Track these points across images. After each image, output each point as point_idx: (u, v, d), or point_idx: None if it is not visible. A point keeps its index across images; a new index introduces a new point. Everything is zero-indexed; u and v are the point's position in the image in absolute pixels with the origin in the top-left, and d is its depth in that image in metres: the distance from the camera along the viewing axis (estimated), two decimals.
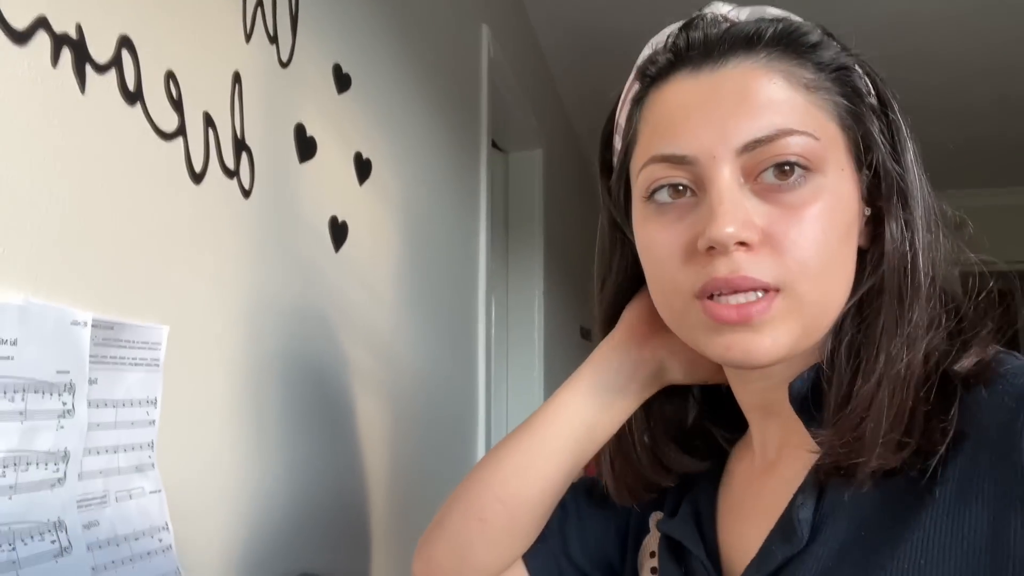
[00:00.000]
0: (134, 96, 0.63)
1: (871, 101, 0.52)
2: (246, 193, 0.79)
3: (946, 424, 0.46)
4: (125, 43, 0.62)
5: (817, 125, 0.50)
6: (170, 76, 0.68)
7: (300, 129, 0.91)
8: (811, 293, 0.49)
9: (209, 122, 0.73)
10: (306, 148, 0.92)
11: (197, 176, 0.71)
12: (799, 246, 0.48)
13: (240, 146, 0.78)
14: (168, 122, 0.68)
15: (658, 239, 0.52)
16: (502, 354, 2.36)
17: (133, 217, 0.63)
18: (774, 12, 0.54)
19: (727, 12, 0.53)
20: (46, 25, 0.55)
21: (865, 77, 0.53)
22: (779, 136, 0.48)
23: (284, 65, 0.88)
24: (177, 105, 0.69)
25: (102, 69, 0.60)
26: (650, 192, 0.52)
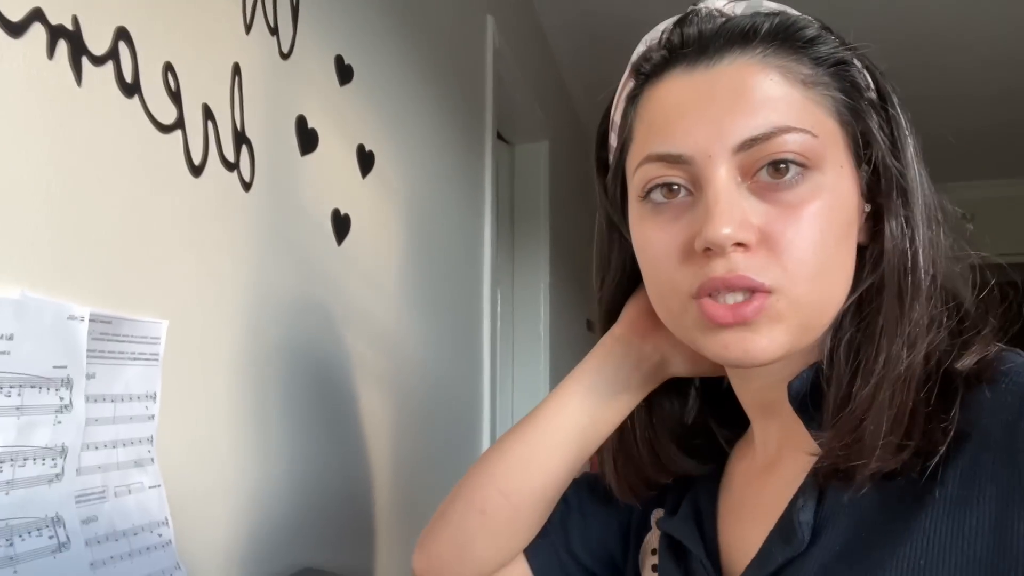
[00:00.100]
0: (132, 88, 0.63)
1: (870, 96, 0.51)
2: (246, 186, 0.79)
3: (947, 424, 0.45)
4: (122, 35, 0.62)
5: (815, 122, 0.49)
6: (168, 68, 0.67)
7: (301, 121, 0.90)
8: (809, 294, 0.48)
9: (208, 114, 0.73)
10: (308, 140, 0.92)
11: (196, 169, 0.71)
12: (796, 246, 0.47)
13: (240, 139, 0.78)
14: (167, 114, 0.67)
15: (654, 239, 0.52)
16: (507, 347, 2.36)
17: (131, 210, 0.63)
18: (771, 6, 0.53)
19: (722, 6, 0.52)
20: (41, 17, 0.55)
21: (864, 71, 0.52)
22: (776, 134, 0.47)
23: (285, 57, 0.87)
24: (176, 97, 0.68)
25: (99, 61, 0.60)
26: (646, 192, 0.52)
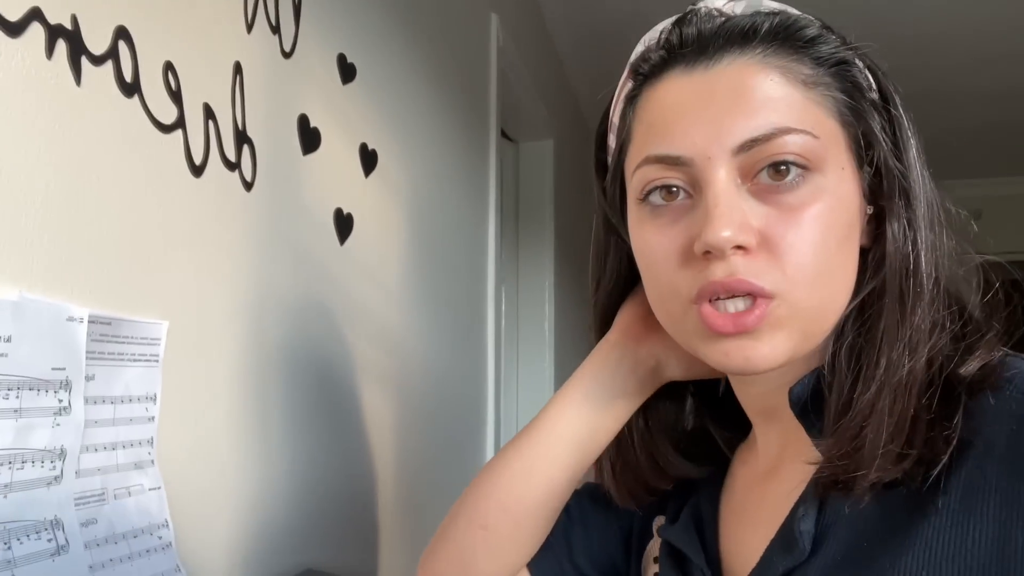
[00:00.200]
0: (131, 88, 0.63)
1: (872, 96, 0.51)
2: (248, 186, 0.78)
3: (949, 432, 0.44)
4: (122, 34, 0.61)
5: (816, 122, 0.48)
6: (168, 67, 0.67)
7: (303, 120, 0.90)
8: (809, 299, 0.47)
9: (209, 114, 0.72)
10: (310, 140, 0.91)
11: (197, 169, 0.71)
12: (797, 250, 0.47)
13: (241, 138, 0.77)
14: (167, 114, 0.67)
15: (653, 242, 0.51)
16: (512, 346, 2.35)
17: (131, 211, 0.63)
18: (771, 5, 0.52)
19: (722, 6, 0.51)
20: (40, 16, 0.54)
21: (866, 71, 0.51)
22: (776, 135, 0.47)
23: (287, 55, 0.86)
24: (176, 97, 0.68)
25: (98, 60, 0.59)
26: (644, 194, 0.51)
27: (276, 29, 0.84)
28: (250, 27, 0.80)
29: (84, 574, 0.55)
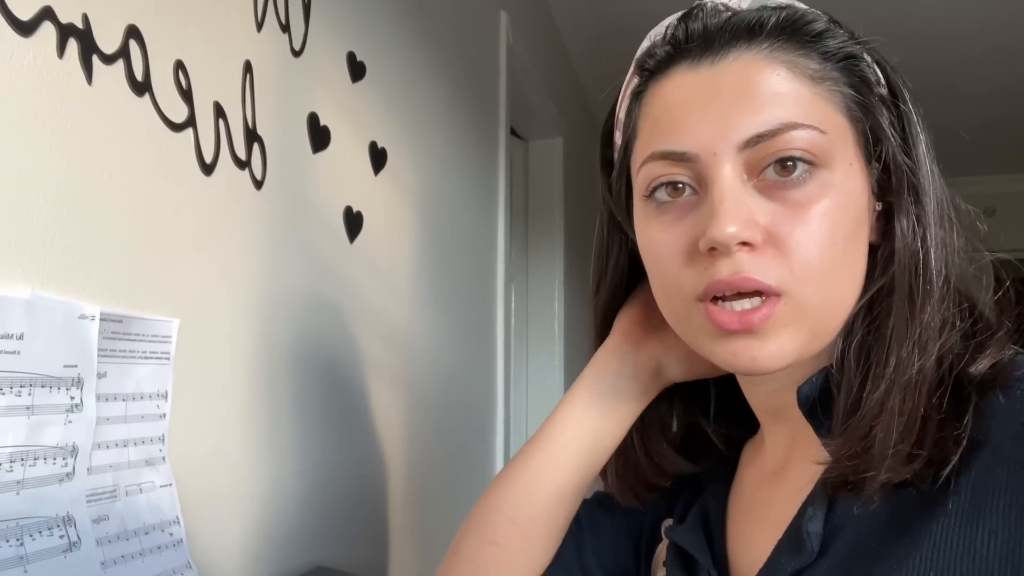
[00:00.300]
0: (142, 87, 0.63)
1: (880, 91, 0.50)
2: (258, 184, 0.79)
3: (959, 432, 0.44)
4: (133, 33, 0.62)
5: (823, 118, 0.47)
6: (179, 66, 0.67)
7: (313, 119, 0.90)
8: (815, 297, 0.47)
9: (220, 112, 0.72)
10: (319, 138, 0.91)
11: (208, 167, 0.71)
12: (804, 247, 0.46)
13: (252, 137, 0.78)
14: (178, 113, 0.67)
15: (658, 239, 0.50)
16: (522, 344, 2.35)
17: (142, 209, 0.63)
18: None
19: (728, 1, 0.51)
20: (51, 16, 0.54)
21: (874, 65, 0.50)
22: (783, 130, 0.46)
23: (296, 54, 0.87)
24: (187, 95, 0.68)
25: (109, 60, 0.60)
26: (650, 190, 0.51)
27: (286, 28, 0.85)
28: (260, 26, 0.80)
29: (96, 570, 0.56)
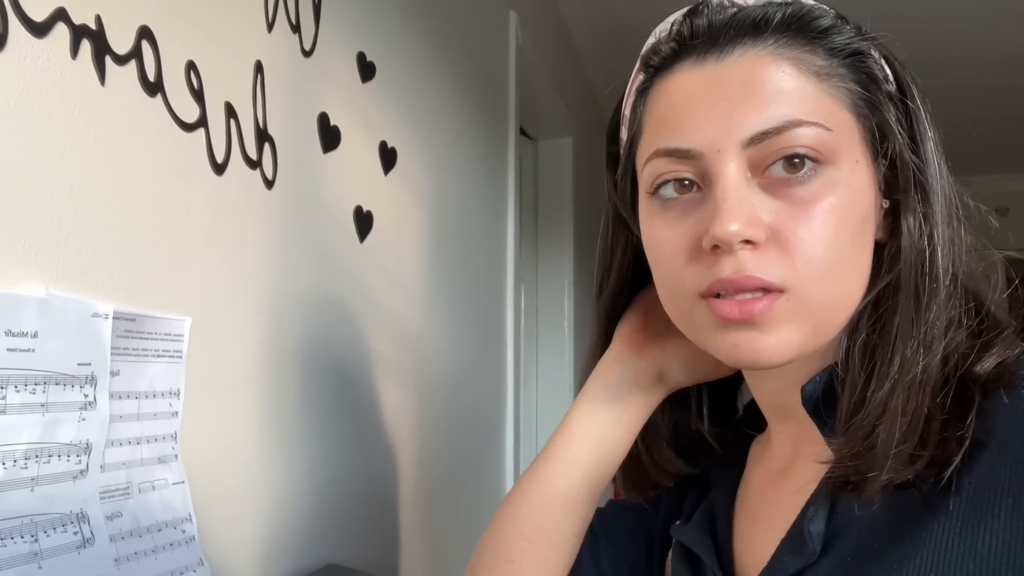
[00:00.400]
0: (154, 87, 0.63)
1: (888, 88, 0.49)
2: (269, 184, 0.79)
3: (963, 433, 0.43)
4: (145, 34, 0.62)
5: (829, 115, 0.47)
6: (191, 67, 0.67)
7: (324, 119, 0.90)
8: (819, 294, 0.46)
9: (231, 113, 0.73)
10: (330, 138, 0.92)
11: (219, 167, 0.71)
12: (808, 244, 0.46)
13: (263, 136, 0.78)
14: (189, 113, 0.67)
15: (662, 237, 0.50)
16: (531, 344, 2.35)
17: (155, 209, 0.63)
18: None
19: None
20: (65, 17, 0.55)
21: (882, 61, 0.50)
22: (787, 127, 0.46)
23: (307, 54, 0.87)
24: (198, 96, 0.68)
25: (122, 60, 0.60)
26: (655, 187, 0.51)
27: (296, 28, 0.85)
28: (271, 27, 0.80)
29: (109, 567, 0.56)
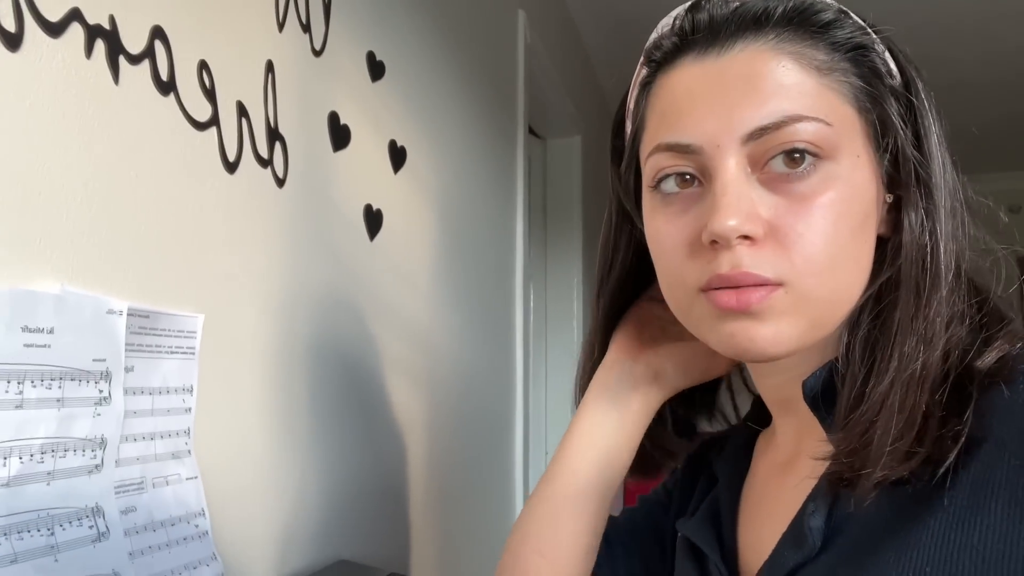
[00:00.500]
0: (167, 86, 0.64)
1: (891, 82, 0.49)
2: (280, 182, 0.80)
3: (959, 429, 0.43)
4: (158, 33, 0.63)
5: (829, 110, 0.47)
6: (203, 66, 0.68)
7: (334, 117, 0.91)
8: (818, 288, 0.46)
9: (242, 111, 0.74)
10: (340, 137, 0.92)
11: (231, 165, 0.72)
12: (806, 240, 0.46)
13: (274, 135, 0.79)
14: (201, 112, 0.68)
15: (663, 231, 0.51)
16: (540, 343, 2.36)
17: (168, 206, 0.64)
18: None
19: None
20: (79, 17, 0.56)
21: (886, 54, 0.50)
22: (787, 123, 0.46)
23: (317, 54, 0.88)
24: (210, 95, 0.69)
25: (135, 60, 0.61)
26: (656, 181, 0.51)
27: (307, 28, 0.86)
28: (281, 26, 0.81)
29: (124, 560, 0.57)
